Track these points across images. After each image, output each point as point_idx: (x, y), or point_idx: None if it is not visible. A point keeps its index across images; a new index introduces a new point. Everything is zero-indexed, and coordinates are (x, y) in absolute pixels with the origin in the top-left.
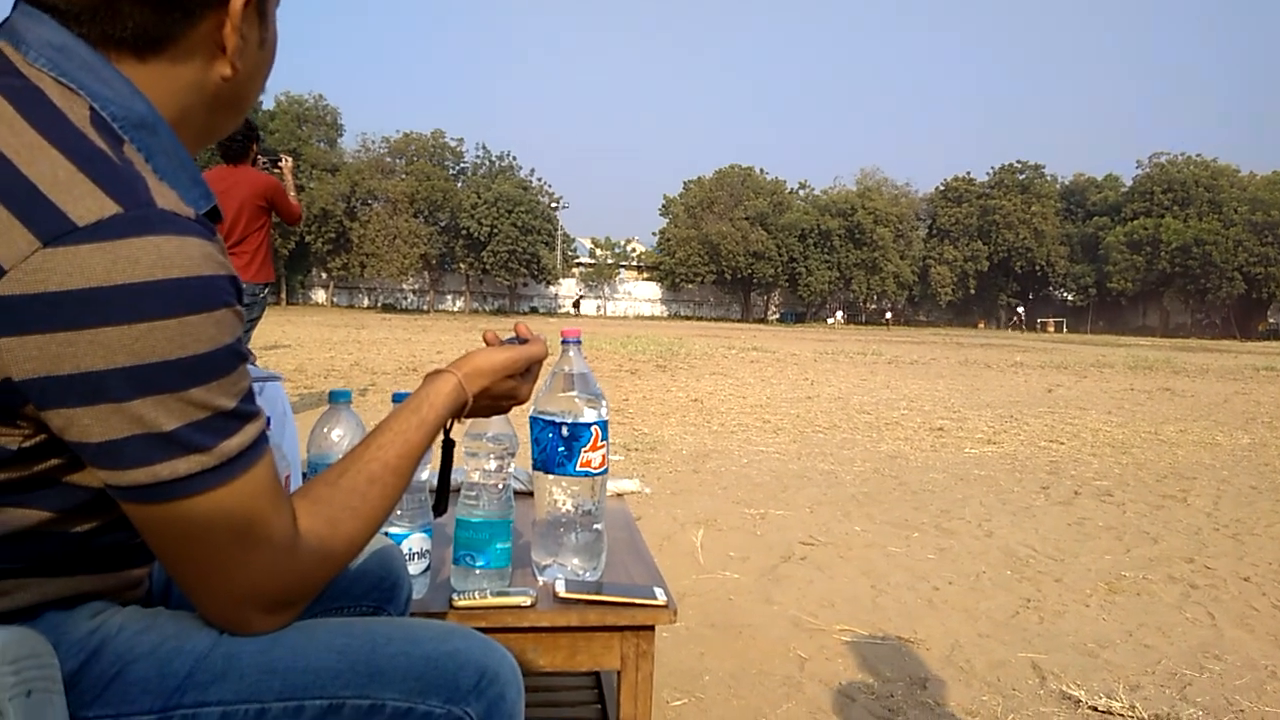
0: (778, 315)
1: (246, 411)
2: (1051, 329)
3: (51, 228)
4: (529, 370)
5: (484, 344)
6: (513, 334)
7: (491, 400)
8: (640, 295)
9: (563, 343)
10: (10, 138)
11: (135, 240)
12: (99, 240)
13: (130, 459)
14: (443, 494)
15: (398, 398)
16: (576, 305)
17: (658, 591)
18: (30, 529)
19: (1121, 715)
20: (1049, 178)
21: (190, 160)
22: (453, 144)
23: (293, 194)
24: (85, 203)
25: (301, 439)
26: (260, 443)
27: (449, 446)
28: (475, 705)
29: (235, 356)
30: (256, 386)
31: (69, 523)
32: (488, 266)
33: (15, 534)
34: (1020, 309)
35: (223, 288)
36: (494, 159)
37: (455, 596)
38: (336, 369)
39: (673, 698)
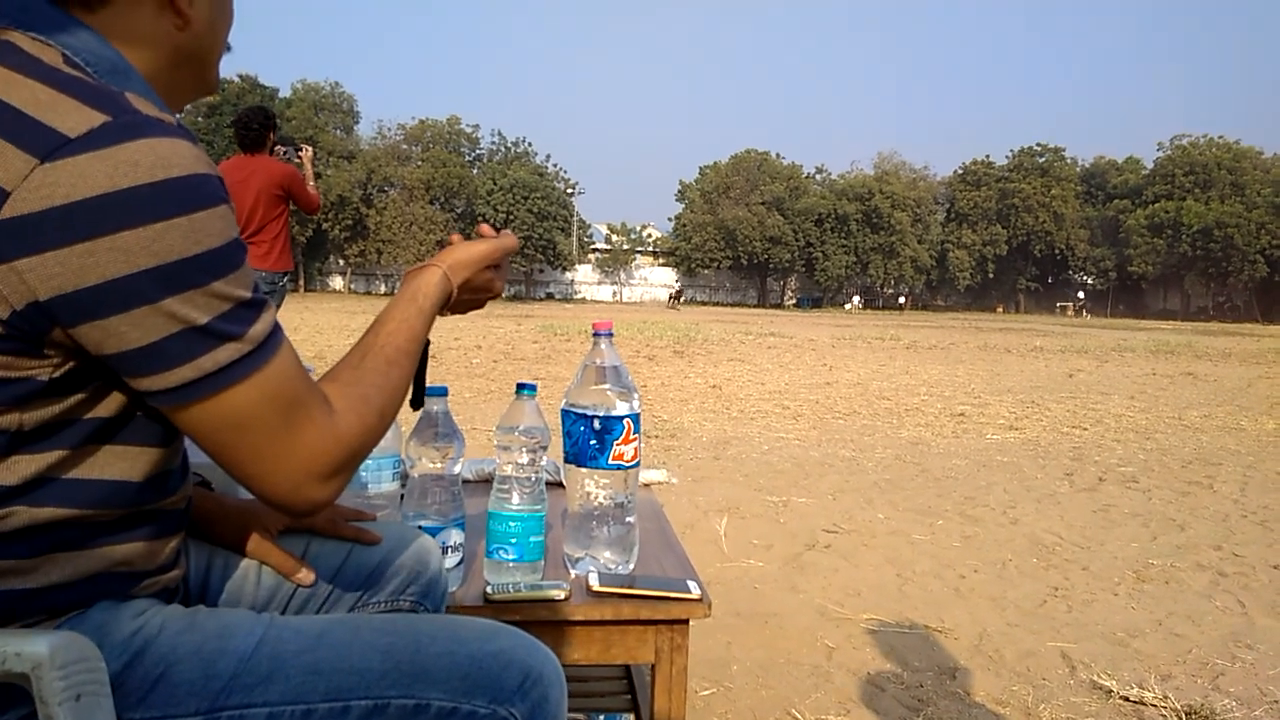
0: (794, 300)
1: (261, 300)
2: (1071, 312)
3: (45, 144)
4: (501, 264)
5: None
6: (478, 235)
7: (472, 292)
8: (656, 281)
9: (594, 335)
10: None
11: (130, 145)
12: (95, 149)
13: (174, 357)
14: (419, 387)
15: (430, 391)
16: (677, 296)
17: (691, 584)
18: (56, 478)
19: (1154, 706)
20: (1069, 160)
21: (163, 104)
22: (468, 130)
23: (312, 183)
24: (73, 117)
25: None
26: (279, 328)
27: (425, 345)
28: (520, 706)
29: (241, 249)
30: None
31: (92, 468)
32: None
33: (39, 482)
34: (1080, 293)
35: (218, 185)
36: (510, 145)
37: (489, 590)
38: None
39: (701, 687)
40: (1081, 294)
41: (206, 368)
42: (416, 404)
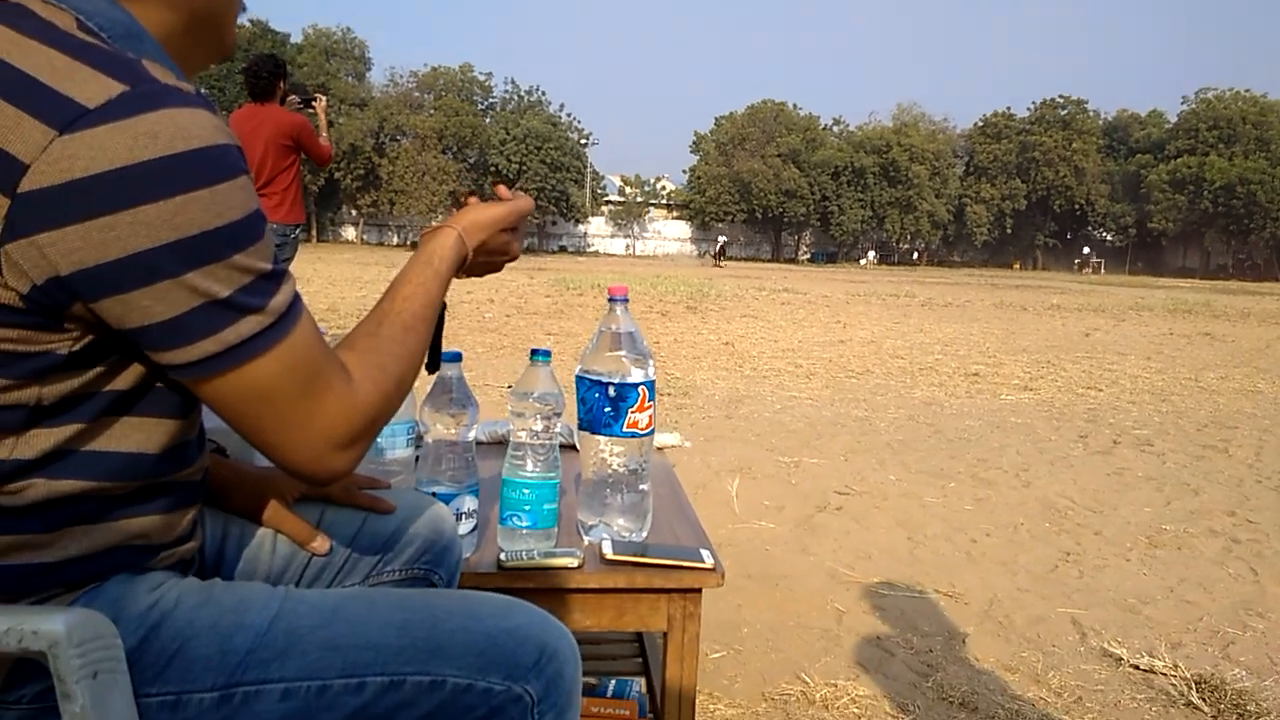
0: (809, 255)
1: (281, 271)
2: (1090, 270)
3: (63, 115)
4: (518, 227)
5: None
6: (494, 196)
7: (488, 255)
8: (670, 234)
9: (609, 300)
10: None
11: (150, 115)
12: (114, 120)
13: (196, 331)
14: (435, 350)
15: (445, 356)
16: (721, 253)
17: (704, 553)
18: (74, 450)
19: (1164, 674)
20: (1091, 113)
21: (176, 67)
22: (481, 78)
23: (325, 134)
24: (90, 86)
25: None
26: (299, 298)
27: (441, 308)
28: (535, 683)
29: (261, 221)
30: None
31: (110, 440)
32: None
33: (57, 455)
34: (1086, 249)
35: (238, 155)
36: (523, 94)
37: (503, 557)
38: (369, 308)
39: (711, 649)
40: (1087, 249)
41: (229, 340)
42: (432, 368)
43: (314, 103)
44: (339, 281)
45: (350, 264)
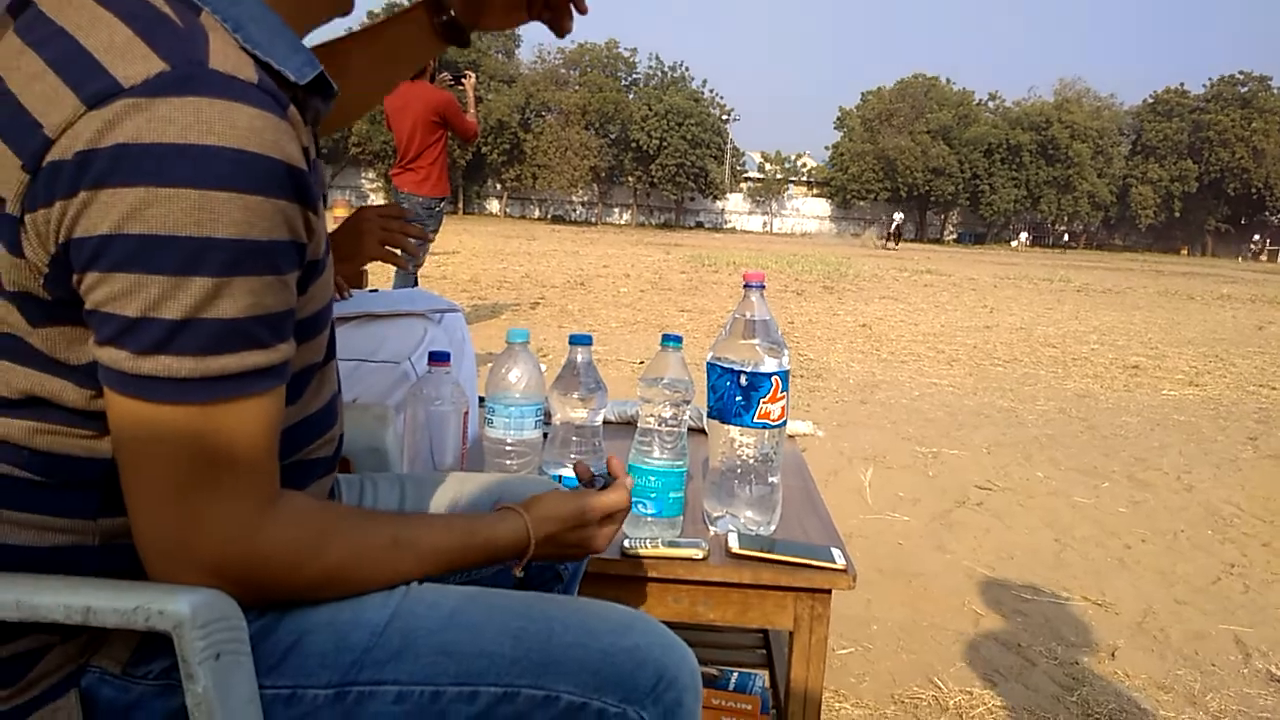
0: (955, 235)
1: (256, 336)
2: (1264, 257)
3: (99, 91)
4: (611, 517)
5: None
6: (604, 471)
7: (558, 547)
8: (809, 212)
9: (745, 286)
10: (73, 14)
11: (174, 99)
12: (140, 98)
13: (105, 333)
14: None
15: (575, 340)
16: (895, 235)
17: (835, 553)
18: None
19: None
20: (1275, 91)
21: (285, 26)
22: (626, 54)
23: (472, 111)
24: (137, 65)
25: (476, 346)
26: (262, 380)
27: (513, 581)
28: (651, 709)
29: (266, 260)
30: (435, 316)
31: None
32: (655, 180)
33: None
34: (1256, 237)
35: (271, 172)
36: (666, 70)
37: (626, 544)
38: (509, 280)
39: (839, 645)
40: (1258, 236)
41: (122, 365)
42: None
43: (463, 80)
44: (481, 253)
45: (493, 236)
